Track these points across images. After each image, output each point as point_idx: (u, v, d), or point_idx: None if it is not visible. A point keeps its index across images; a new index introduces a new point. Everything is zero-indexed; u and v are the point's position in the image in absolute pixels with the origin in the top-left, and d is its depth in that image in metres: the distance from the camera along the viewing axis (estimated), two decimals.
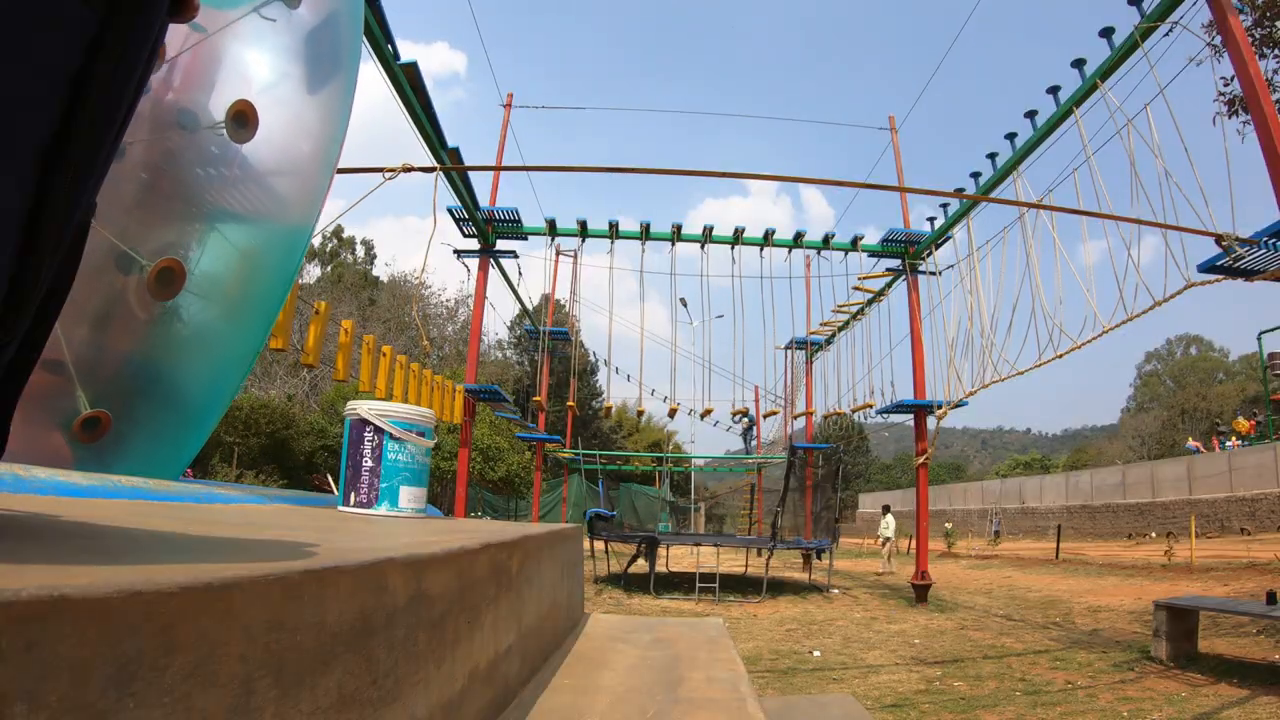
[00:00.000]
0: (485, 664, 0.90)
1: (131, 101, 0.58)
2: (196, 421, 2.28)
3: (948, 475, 45.58)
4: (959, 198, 7.61)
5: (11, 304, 0.51)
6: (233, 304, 2.15)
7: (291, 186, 2.27)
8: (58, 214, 0.52)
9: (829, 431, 15.12)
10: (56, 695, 0.30)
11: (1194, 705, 3.83)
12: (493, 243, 9.77)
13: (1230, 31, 4.86)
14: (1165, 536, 14.40)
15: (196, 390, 2.24)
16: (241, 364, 2.43)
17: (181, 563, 0.49)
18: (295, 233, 2.36)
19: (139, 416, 1.97)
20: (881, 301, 10.84)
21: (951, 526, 22.45)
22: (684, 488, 25.49)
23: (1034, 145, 7.06)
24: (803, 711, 2.18)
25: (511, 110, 10.44)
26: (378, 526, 1.26)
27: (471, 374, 9.64)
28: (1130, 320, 5.44)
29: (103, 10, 0.51)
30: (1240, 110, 6.77)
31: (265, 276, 2.31)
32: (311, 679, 0.48)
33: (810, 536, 11.40)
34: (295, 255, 2.46)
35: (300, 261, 2.59)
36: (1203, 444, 25.27)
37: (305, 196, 2.35)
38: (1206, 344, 51.11)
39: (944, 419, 8.00)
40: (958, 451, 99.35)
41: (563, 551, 1.58)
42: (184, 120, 1.90)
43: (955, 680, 4.61)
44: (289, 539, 0.79)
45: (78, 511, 0.86)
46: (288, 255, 2.40)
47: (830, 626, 6.91)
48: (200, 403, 2.28)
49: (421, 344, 24.24)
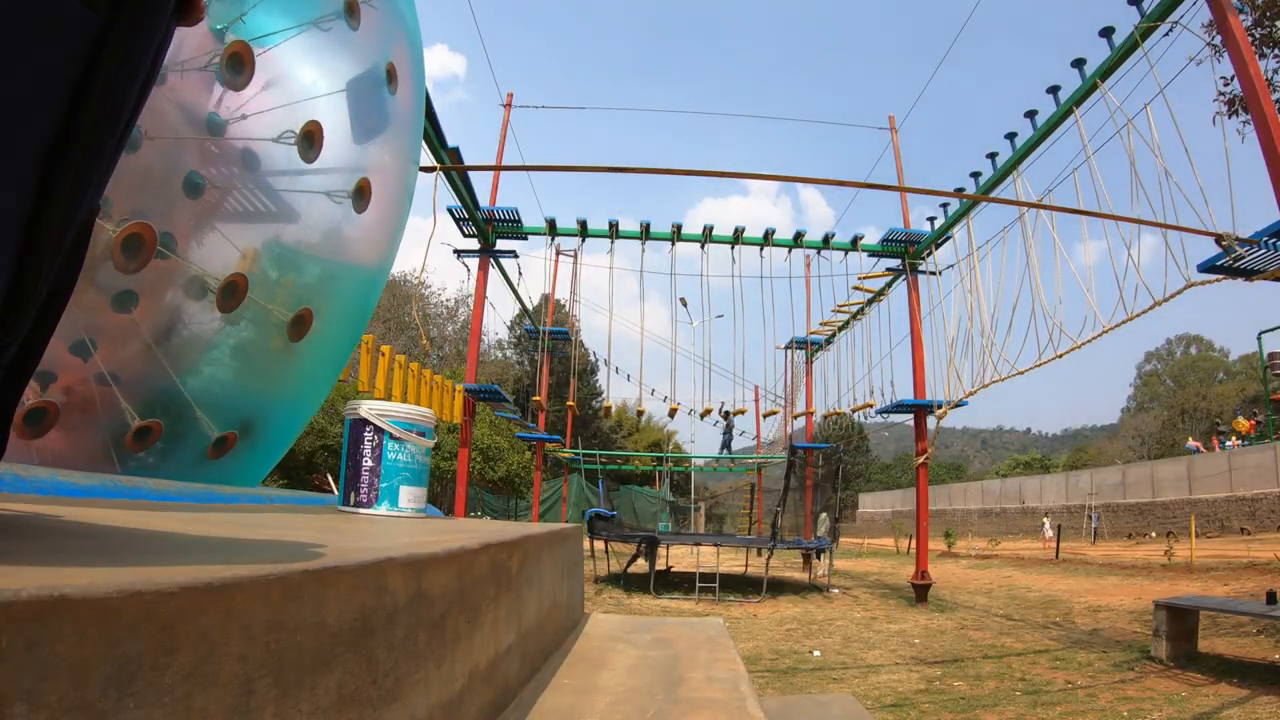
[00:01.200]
0: (485, 664, 0.90)
1: (136, 103, 0.58)
2: (284, 443, 2.59)
3: (948, 475, 45.59)
4: (959, 198, 7.61)
5: (12, 305, 0.51)
6: (325, 340, 2.40)
7: (375, 229, 2.51)
8: (59, 216, 0.52)
9: (829, 431, 15.13)
10: (56, 695, 0.30)
11: (1194, 705, 3.83)
12: (493, 242, 9.77)
13: (1230, 31, 4.86)
14: (1165, 536, 14.40)
15: (290, 418, 2.56)
16: (320, 396, 2.73)
17: (181, 563, 0.49)
18: (375, 273, 2.65)
19: (253, 437, 2.26)
20: (881, 301, 10.84)
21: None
22: (684, 488, 25.48)
23: (1034, 145, 7.05)
24: (803, 711, 2.18)
25: (511, 110, 10.44)
26: (378, 526, 1.26)
27: (471, 374, 9.64)
28: (1130, 320, 5.44)
29: (105, 12, 0.51)
30: (1240, 110, 6.77)
31: (351, 315, 2.61)
32: (311, 679, 0.48)
33: (810, 536, 11.40)
34: (374, 294, 2.75)
35: (376, 301, 2.90)
36: (1203, 444, 25.26)
37: (386, 238, 2.61)
38: (1206, 344, 51.11)
39: (944, 419, 8.00)
40: (958, 451, 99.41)
41: (563, 551, 1.58)
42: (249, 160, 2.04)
43: (955, 680, 4.61)
44: (289, 539, 0.79)
45: (78, 511, 0.86)
46: (368, 295, 2.70)
47: (830, 626, 6.92)
48: (290, 428, 2.59)
49: (421, 344, 24.25)
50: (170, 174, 1.80)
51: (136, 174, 1.69)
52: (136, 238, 1.62)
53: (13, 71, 0.46)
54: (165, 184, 1.79)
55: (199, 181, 1.86)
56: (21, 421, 1.59)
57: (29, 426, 1.60)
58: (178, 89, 1.78)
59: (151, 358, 1.83)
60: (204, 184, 1.87)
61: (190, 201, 1.86)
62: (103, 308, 1.71)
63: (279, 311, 2.07)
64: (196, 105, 1.84)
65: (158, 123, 1.72)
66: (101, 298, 1.69)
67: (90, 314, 1.67)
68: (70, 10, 0.49)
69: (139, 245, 1.63)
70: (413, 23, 2.67)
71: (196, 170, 1.86)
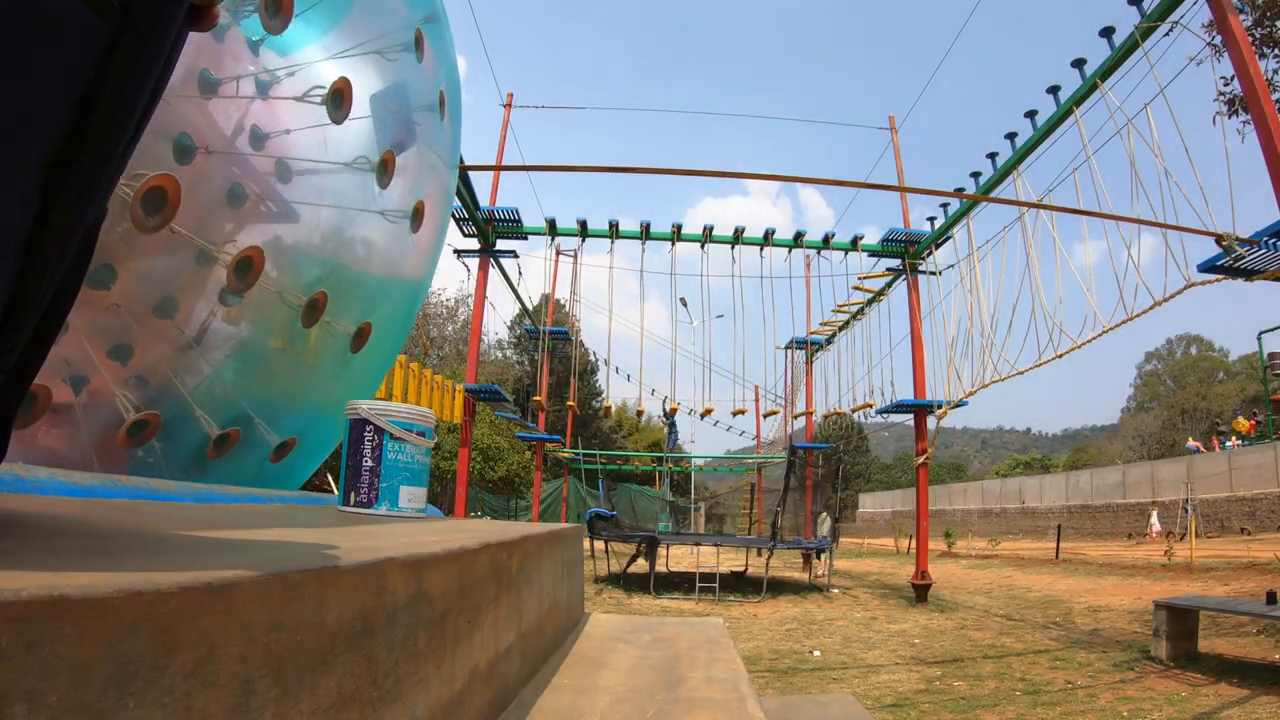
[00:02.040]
0: (485, 664, 0.90)
1: (145, 110, 0.57)
2: (329, 447, 2.68)
3: (948, 475, 45.59)
4: (959, 198, 7.61)
5: (14, 310, 0.51)
6: (376, 350, 2.51)
7: (424, 246, 2.63)
8: (64, 223, 0.51)
9: (829, 431, 15.14)
10: (56, 695, 0.30)
11: (1194, 705, 3.83)
12: (493, 242, 9.77)
13: (1230, 31, 4.86)
14: (1165, 536, 14.40)
15: (334, 425, 2.57)
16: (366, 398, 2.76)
17: (181, 563, 0.49)
18: (419, 284, 2.76)
19: (307, 442, 2.39)
20: (881, 301, 10.84)
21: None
22: (684, 487, 25.47)
23: (1034, 145, 7.05)
24: (803, 711, 2.18)
25: (511, 110, 10.44)
26: (378, 526, 1.26)
27: (471, 374, 9.63)
28: (1130, 320, 5.44)
29: (116, 20, 0.51)
30: (1240, 110, 6.77)
31: (398, 325, 2.72)
32: (311, 679, 0.48)
33: (810, 536, 11.40)
34: (417, 304, 2.87)
35: (417, 312, 3.05)
36: (1203, 444, 25.27)
37: (430, 252, 2.72)
38: (1206, 344, 51.14)
39: (944, 419, 8.00)
40: (958, 451, 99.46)
41: (563, 551, 1.58)
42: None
43: (955, 680, 4.61)
44: (289, 539, 0.79)
45: (78, 511, 0.86)
46: (413, 305, 2.82)
47: (830, 626, 6.92)
48: (335, 432, 2.63)
49: (421, 344, 24.25)
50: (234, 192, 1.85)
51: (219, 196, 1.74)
52: (247, 260, 1.73)
53: (20, 77, 0.46)
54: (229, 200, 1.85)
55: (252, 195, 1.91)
56: (126, 435, 1.66)
57: (130, 438, 1.68)
58: (263, 112, 1.83)
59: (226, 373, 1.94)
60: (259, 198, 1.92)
61: (261, 222, 1.93)
62: (144, 314, 1.75)
63: (338, 324, 2.20)
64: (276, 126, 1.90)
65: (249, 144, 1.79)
66: (145, 305, 1.74)
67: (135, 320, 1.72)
68: (82, 19, 0.49)
69: (248, 268, 1.74)
70: (452, 52, 2.79)
71: (245, 185, 1.90)
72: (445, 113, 2.57)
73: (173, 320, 1.74)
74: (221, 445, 1.92)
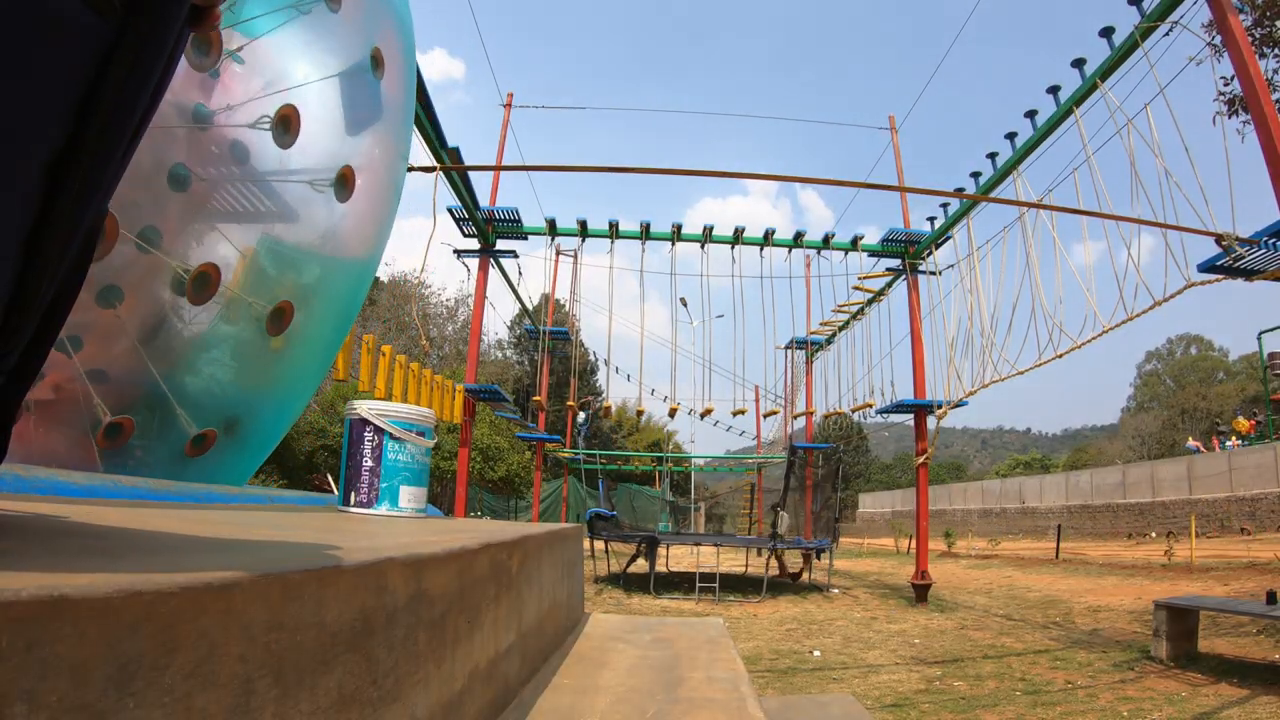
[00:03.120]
0: (485, 663, 0.90)
1: (146, 110, 0.57)
2: (271, 441, 2.55)
3: (948, 475, 45.57)
4: (959, 198, 7.61)
5: (14, 311, 0.51)
6: (307, 337, 2.36)
7: (362, 220, 2.44)
8: (64, 223, 0.51)
9: (829, 431, 15.14)
10: (56, 695, 0.30)
11: (1194, 705, 3.83)
12: (493, 242, 9.77)
13: (1230, 31, 4.86)
14: (1165, 536, 14.40)
15: (276, 415, 2.51)
16: (307, 392, 2.68)
17: (181, 563, 0.49)
18: (363, 266, 2.58)
19: (238, 435, 2.23)
20: (881, 301, 10.84)
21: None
22: (684, 487, 25.48)
23: (1034, 145, 7.05)
24: (803, 711, 2.18)
25: (511, 110, 10.44)
26: (378, 526, 1.26)
27: (471, 374, 9.63)
28: (1130, 320, 5.43)
29: (116, 20, 0.51)
30: (1240, 110, 6.77)
31: (337, 309, 2.54)
32: (311, 679, 0.48)
33: (810, 536, 11.40)
34: (361, 289, 2.68)
35: (365, 296, 2.84)
36: (1203, 444, 25.26)
37: (373, 230, 2.53)
38: (1206, 344, 51.11)
39: (944, 419, 8.00)
40: (958, 451, 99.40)
41: (563, 551, 1.58)
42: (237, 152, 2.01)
43: (955, 680, 4.61)
44: (289, 539, 0.79)
45: (78, 511, 0.86)
46: (356, 289, 2.62)
47: (830, 626, 6.91)
48: (276, 425, 2.54)
49: (421, 344, 24.24)
50: (158, 168, 1.78)
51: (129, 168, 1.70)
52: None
53: (20, 77, 0.46)
54: (153, 178, 1.77)
55: (184, 174, 1.85)
56: None
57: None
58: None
59: (135, 353, 1.80)
60: (189, 176, 1.85)
61: (177, 195, 1.84)
62: (88, 304, 1.70)
63: (257, 305, 2.03)
64: (184, 97, 1.82)
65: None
66: (86, 293, 1.68)
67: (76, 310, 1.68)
68: (83, 19, 0.49)
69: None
70: (403, 9, 2.60)
71: (182, 163, 1.84)
72: (383, 72, 2.36)
73: None
74: (114, 435, 1.78)
